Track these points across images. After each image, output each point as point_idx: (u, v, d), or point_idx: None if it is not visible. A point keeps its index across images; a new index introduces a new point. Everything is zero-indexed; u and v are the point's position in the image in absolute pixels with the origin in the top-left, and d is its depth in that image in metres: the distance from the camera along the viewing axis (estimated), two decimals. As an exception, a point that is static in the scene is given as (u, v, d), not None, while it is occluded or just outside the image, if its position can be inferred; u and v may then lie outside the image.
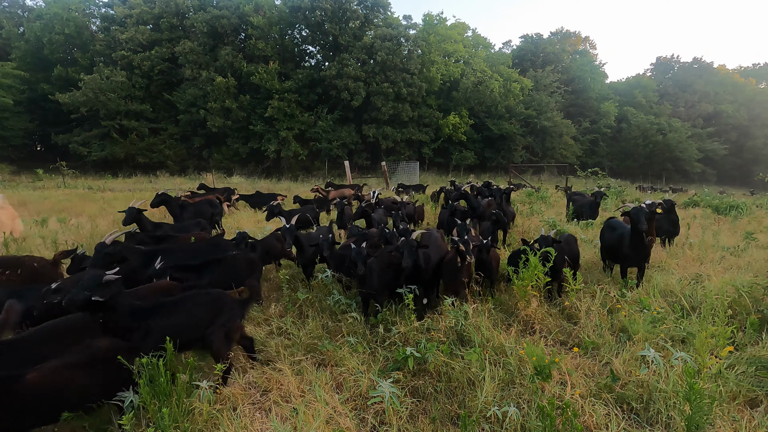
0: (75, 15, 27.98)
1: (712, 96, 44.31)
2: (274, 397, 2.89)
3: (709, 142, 40.27)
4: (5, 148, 25.61)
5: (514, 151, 32.88)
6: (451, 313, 3.71)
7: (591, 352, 3.41)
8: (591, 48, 46.77)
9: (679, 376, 2.68)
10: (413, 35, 31.95)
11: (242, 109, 28.03)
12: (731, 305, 3.88)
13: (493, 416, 2.56)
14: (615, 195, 13.61)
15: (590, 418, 2.54)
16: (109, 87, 25.65)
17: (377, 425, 2.64)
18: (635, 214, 4.73)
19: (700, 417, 2.30)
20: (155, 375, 2.50)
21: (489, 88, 32.17)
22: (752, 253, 6.36)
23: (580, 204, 9.38)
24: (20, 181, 21.01)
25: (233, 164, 28.79)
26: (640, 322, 3.45)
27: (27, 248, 6.44)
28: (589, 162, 36.45)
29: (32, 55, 27.73)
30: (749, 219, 10.31)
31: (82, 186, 19.38)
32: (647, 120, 38.31)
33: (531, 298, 4.02)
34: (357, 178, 23.54)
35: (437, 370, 3.14)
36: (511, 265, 4.62)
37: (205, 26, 28.17)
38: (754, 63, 63.56)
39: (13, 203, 12.48)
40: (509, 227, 7.81)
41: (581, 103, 40.01)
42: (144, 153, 27.44)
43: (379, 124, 29.47)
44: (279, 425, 2.40)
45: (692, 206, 12.62)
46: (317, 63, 32.80)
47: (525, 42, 44.17)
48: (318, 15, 29.07)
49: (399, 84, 28.68)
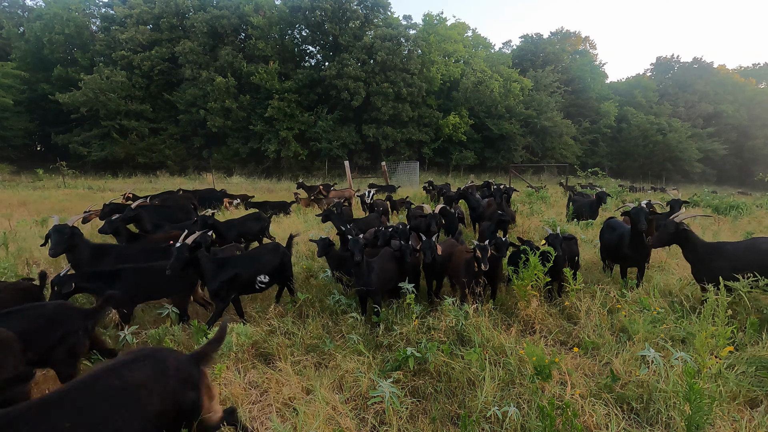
0: (75, 15, 27.99)
1: (712, 96, 44.31)
2: (274, 397, 2.89)
3: (709, 142, 40.27)
4: (5, 148, 25.62)
5: (514, 151, 32.88)
6: (451, 312, 3.71)
7: (591, 352, 3.41)
8: (591, 48, 46.82)
9: (679, 376, 2.68)
10: (413, 35, 31.95)
11: (242, 109, 28.04)
12: (731, 305, 3.88)
13: (493, 416, 2.56)
14: (615, 195, 13.63)
15: (590, 418, 2.54)
16: (109, 87, 25.67)
17: (377, 425, 2.64)
18: (635, 214, 4.73)
19: (700, 417, 2.30)
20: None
21: (489, 88, 32.18)
22: (752, 253, 6.35)
23: (580, 204, 9.38)
24: (20, 181, 21.01)
25: (233, 164, 28.79)
26: (640, 322, 3.45)
27: (27, 248, 6.45)
28: (589, 162, 36.45)
29: (32, 55, 27.74)
30: (749, 219, 10.31)
31: (82, 186, 19.39)
32: (647, 120, 38.31)
33: (531, 298, 4.02)
34: (357, 178, 23.54)
35: (437, 370, 3.14)
36: (511, 265, 4.61)
37: (205, 26, 28.17)
38: (754, 63, 63.56)
39: (13, 203, 12.52)
40: (509, 228, 7.82)
41: (581, 103, 40.01)
42: (144, 153, 27.45)
43: (379, 124, 29.48)
44: (279, 425, 2.40)
45: (692, 206, 12.62)
46: (317, 63, 32.81)
47: (525, 42, 44.18)
48: (318, 15, 29.07)
49: (399, 84, 28.68)
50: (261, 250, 4.68)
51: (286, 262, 4.73)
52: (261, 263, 4.42)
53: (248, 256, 4.59)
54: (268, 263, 4.46)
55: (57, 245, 4.38)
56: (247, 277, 4.24)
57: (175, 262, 3.71)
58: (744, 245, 4.22)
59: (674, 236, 4.30)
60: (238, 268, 4.14)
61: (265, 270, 4.39)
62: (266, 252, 4.62)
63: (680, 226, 4.27)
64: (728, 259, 4.09)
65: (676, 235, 4.29)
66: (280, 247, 4.79)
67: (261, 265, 4.40)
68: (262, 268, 4.39)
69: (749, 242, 4.26)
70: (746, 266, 3.97)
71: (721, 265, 4.08)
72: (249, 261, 4.40)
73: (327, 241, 4.69)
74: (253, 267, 4.33)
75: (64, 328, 2.82)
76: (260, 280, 4.32)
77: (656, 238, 4.42)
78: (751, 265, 3.96)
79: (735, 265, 4.02)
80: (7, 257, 5.83)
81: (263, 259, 4.48)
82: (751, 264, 3.97)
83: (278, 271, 4.58)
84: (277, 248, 4.73)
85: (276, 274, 4.55)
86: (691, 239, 4.26)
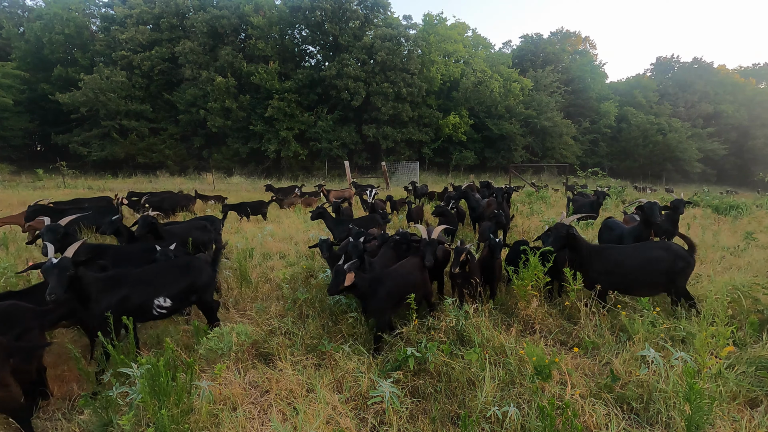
0: (75, 15, 28.01)
1: (712, 96, 44.34)
2: (274, 397, 2.89)
3: (709, 142, 40.30)
4: (5, 148, 25.63)
5: (514, 151, 32.90)
6: (451, 312, 3.71)
7: (591, 352, 3.41)
8: (591, 48, 46.85)
9: (679, 376, 2.68)
10: (413, 35, 31.96)
11: (242, 109, 28.05)
12: (731, 305, 3.88)
13: (493, 416, 2.56)
14: (615, 195, 13.63)
15: (590, 418, 2.54)
16: (109, 87, 25.68)
17: (377, 425, 2.64)
18: (649, 209, 4.61)
19: (700, 417, 2.29)
20: (155, 375, 2.50)
21: (489, 88, 32.19)
22: (752, 253, 6.36)
23: (580, 204, 9.37)
24: (20, 181, 21.01)
25: (233, 164, 28.80)
26: (640, 322, 3.45)
27: (28, 248, 6.45)
28: (589, 162, 36.46)
29: (32, 55, 27.76)
30: (749, 219, 10.31)
31: (82, 186, 19.38)
32: (647, 120, 38.33)
33: (531, 298, 4.01)
34: (357, 178, 23.53)
35: (437, 370, 3.14)
36: (511, 265, 4.61)
37: (205, 26, 28.18)
38: (754, 63, 63.65)
39: (13, 203, 12.52)
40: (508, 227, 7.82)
41: (581, 103, 40.03)
42: (144, 153, 27.47)
43: (379, 124, 29.48)
44: (279, 425, 2.40)
45: (693, 206, 12.62)
46: (317, 63, 32.82)
47: (525, 42, 44.21)
48: (318, 15, 29.08)
49: (399, 84, 28.69)
50: (164, 266, 3.78)
51: (204, 283, 3.74)
52: (161, 282, 3.52)
53: (145, 272, 3.60)
54: (171, 282, 3.56)
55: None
56: (139, 301, 3.36)
57: (56, 286, 2.84)
58: (629, 250, 4.06)
59: (565, 239, 4.05)
60: (127, 289, 3.32)
61: (167, 291, 3.51)
62: (172, 268, 3.72)
63: (570, 230, 4.03)
64: (606, 263, 3.94)
65: (566, 238, 4.04)
66: (193, 262, 3.82)
67: (160, 285, 3.50)
68: (162, 288, 3.49)
69: (633, 248, 4.11)
70: (626, 272, 3.85)
71: (599, 269, 3.94)
72: (144, 279, 3.49)
73: (329, 242, 4.68)
74: (149, 286, 3.45)
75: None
76: (158, 305, 3.46)
77: (550, 242, 4.13)
78: (628, 271, 3.84)
79: (613, 271, 3.89)
80: (7, 257, 5.83)
81: (165, 277, 3.57)
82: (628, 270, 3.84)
83: (186, 293, 3.65)
84: (188, 265, 3.76)
85: (183, 296, 3.63)
86: (578, 242, 4.05)
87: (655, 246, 4.02)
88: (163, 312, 3.52)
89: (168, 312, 3.57)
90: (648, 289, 3.91)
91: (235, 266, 5.36)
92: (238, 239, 7.43)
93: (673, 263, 3.80)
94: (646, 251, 3.95)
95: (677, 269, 3.79)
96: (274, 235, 7.93)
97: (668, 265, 3.78)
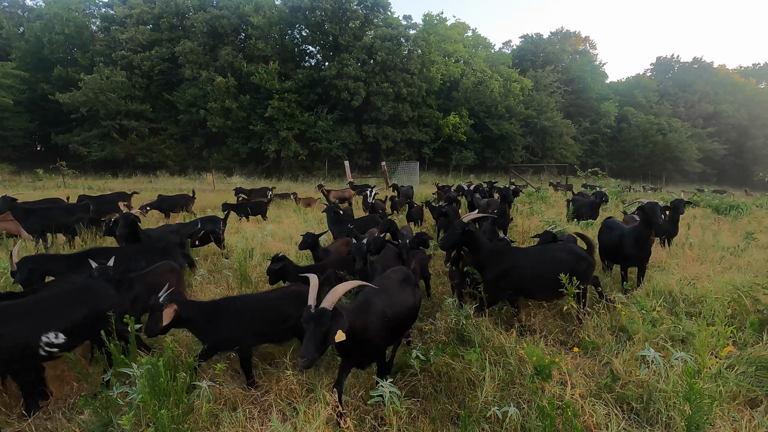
0: (75, 15, 28.00)
1: (712, 96, 44.33)
2: (274, 397, 2.89)
3: (709, 142, 40.30)
4: (5, 148, 25.62)
5: (514, 151, 32.90)
6: (452, 312, 3.71)
7: (591, 352, 3.41)
8: (591, 48, 46.83)
9: (679, 376, 2.68)
10: (413, 35, 31.96)
11: (242, 109, 28.04)
12: (731, 305, 3.88)
13: (493, 416, 2.56)
14: (614, 195, 13.63)
15: (590, 418, 2.54)
16: (109, 87, 25.67)
17: (377, 425, 2.64)
18: (651, 209, 4.52)
19: (700, 417, 2.29)
20: (155, 375, 2.50)
21: (489, 88, 32.18)
22: (752, 253, 6.36)
23: (580, 204, 9.38)
24: (20, 181, 21.00)
25: (233, 164, 28.80)
26: (640, 322, 3.45)
27: (29, 249, 6.45)
28: (589, 162, 36.47)
29: (32, 55, 27.75)
30: (749, 219, 10.31)
31: (82, 186, 19.36)
32: (647, 120, 38.33)
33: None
34: (357, 178, 23.53)
35: (437, 370, 3.14)
36: None
37: (205, 26, 28.18)
38: (754, 63, 63.64)
39: (13, 203, 12.47)
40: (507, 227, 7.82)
41: (581, 103, 40.03)
42: (144, 153, 27.46)
43: (379, 124, 29.48)
44: (279, 425, 2.40)
45: (693, 206, 12.62)
46: (317, 63, 32.82)
47: (525, 42, 44.21)
48: (318, 15, 29.08)
49: (399, 84, 28.69)
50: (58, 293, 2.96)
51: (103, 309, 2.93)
52: (50, 313, 2.78)
53: (32, 301, 2.86)
54: (63, 314, 2.82)
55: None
56: (21, 340, 2.60)
57: None
58: (531, 252, 3.98)
59: (462, 237, 3.87)
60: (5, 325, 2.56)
61: (58, 325, 2.76)
62: (67, 295, 2.93)
63: (467, 227, 3.86)
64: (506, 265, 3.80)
65: (463, 236, 3.86)
66: (94, 287, 3.06)
67: (49, 317, 2.76)
68: (53, 321, 2.75)
69: (535, 250, 4.02)
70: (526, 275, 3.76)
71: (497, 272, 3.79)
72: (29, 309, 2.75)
73: (311, 235, 4.77)
74: (32, 320, 2.70)
75: None
76: (47, 341, 2.70)
77: (444, 240, 3.97)
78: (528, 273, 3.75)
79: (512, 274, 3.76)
80: (7, 257, 5.82)
81: (56, 308, 2.82)
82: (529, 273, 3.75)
83: (87, 326, 2.89)
84: (88, 289, 3.01)
85: (82, 330, 2.89)
86: (477, 241, 3.90)
87: (557, 248, 3.97)
88: (53, 351, 2.74)
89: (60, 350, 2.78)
90: (552, 294, 3.81)
91: (235, 266, 5.36)
92: (238, 239, 7.43)
93: (576, 264, 3.77)
94: (548, 253, 3.90)
95: (580, 270, 3.75)
96: (274, 235, 7.93)
97: (570, 266, 3.74)
